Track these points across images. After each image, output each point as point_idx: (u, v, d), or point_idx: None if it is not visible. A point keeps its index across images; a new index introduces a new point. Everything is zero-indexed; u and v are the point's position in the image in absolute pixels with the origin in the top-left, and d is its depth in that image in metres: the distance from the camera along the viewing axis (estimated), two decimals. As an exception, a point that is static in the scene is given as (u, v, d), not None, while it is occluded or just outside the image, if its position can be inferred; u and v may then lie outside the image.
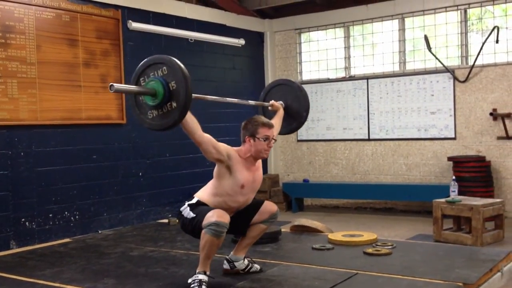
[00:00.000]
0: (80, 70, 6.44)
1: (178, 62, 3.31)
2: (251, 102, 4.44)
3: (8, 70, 5.75)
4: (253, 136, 3.65)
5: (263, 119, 3.77)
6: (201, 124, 3.52)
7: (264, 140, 3.65)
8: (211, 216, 3.37)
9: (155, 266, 4.25)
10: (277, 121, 4.20)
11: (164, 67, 3.30)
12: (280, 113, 4.31)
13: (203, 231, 3.40)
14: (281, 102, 4.37)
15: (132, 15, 7.04)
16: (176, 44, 7.70)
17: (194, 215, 3.53)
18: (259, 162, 3.82)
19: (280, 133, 4.39)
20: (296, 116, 4.42)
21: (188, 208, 3.61)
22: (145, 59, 3.44)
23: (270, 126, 3.71)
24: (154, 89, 3.26)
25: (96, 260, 4.57)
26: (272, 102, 4.33)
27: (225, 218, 3.39)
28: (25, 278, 4.05)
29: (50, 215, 6.08)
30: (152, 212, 7.26)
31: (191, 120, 3.40)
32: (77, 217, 6.35)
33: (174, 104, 3.24)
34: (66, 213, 6.23)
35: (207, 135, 3.49)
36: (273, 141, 3.72)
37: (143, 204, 7.16)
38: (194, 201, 3.65)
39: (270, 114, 4.37)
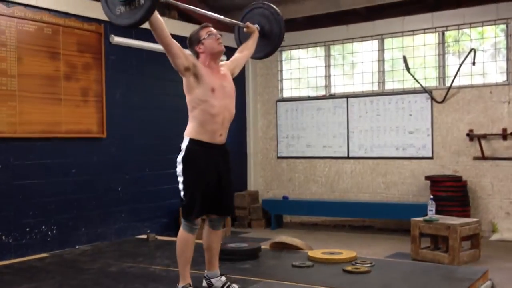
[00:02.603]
0: (61, 83, 6.41)
1: None
2: (227, 20, 4.40)
3: (-12, 82, 5.69)
4: (199, 42, 3.70)
5: (199, 24, 3.81)
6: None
7: (209, 36, 3.70)
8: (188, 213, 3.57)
9: (134, 282, 4.21)
10: (251, 43, 4.23)
11: None
12: (255, 35, 4.29)
13: (180, 229, 3.64)
14: (256, 25, 4.36)
15: (114, 29, 7.04)
16: (158, 59, 7.69)
17: (183, 197, 3.60)
18: (226, 72, 3.83)
19: (255, 57, 4.45)
20: (271, 40, 4.42)
21: (181, 167, 3.59)
22: None
23: (208, 25, 3.77)
24: None
25: (74, 275, 4.51)
26: (247, 23, 4.30)
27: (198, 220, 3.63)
28: (1, 294, 3.98)
29: (27, 229, 5.99)
30: (131, 227, 7.20)
31: (160, 20, 3.42)
32: (54, 231, 6.27)
33: (142, 1, 3.20)
34: (43, 227, 6.15)
35: (175, 41, 3.51)
36: (219, 35, 3.74)
37: (122, 219, 7.10)
38: (186, 143, 3.63)
39: (245, 36, 4.36)
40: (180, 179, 3.61)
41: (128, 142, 7.24)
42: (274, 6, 4.46)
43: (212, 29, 3.75)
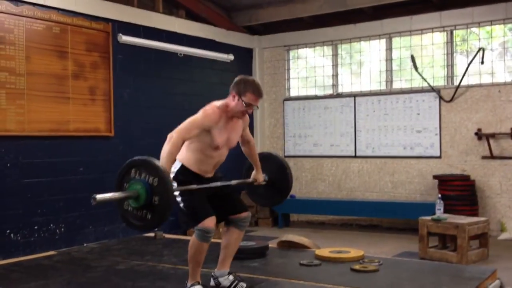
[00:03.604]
0: (69, 82, 6.43)
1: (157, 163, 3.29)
2: (233, 182, 4.11)
3: (-4, 80, 5.73)
4: (239, 95, 3.64)
5: (258, 86, 3.69)
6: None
7: (246, 106, 3.64)
8: (202, 222, 3.51)
9: (142, 280, 4.22)
10: (251, 158, 4.14)
11: (141, 168, 3.31)
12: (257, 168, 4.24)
13: (194, 235, 3.56)
14: (264, 176, 4.25)
15: (122, 28, 7.06)
16: (166, 58, 7.73)
17: (185, 208, 3.60)
18: (239, 121, 3.79)
19: (263, 204, 4.46)
20: (279, 191, 4.35)
21: (175, 182, 3.61)
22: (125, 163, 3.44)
23: (259, 96, 3.68)
24: (136, 191, 3.26)
25: (82, 273, 4.53)
26: (255, 179, 4.18)
27: (213, 223, 3.54)
28: (10, 291, 4.01)
29: (36, 227, 6.02)
30: (138, 225, 7.21)
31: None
32: (62, 229, 6.29)
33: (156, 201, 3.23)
34: (51, 225, 6.18)
35: (183, 137, 3.51)
36: (252, 110, 3.72)
37: (129, 218, 7.11)
38: (177, 167, 3.67)
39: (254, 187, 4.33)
40: (177, 193, 3.62)
41: (136, 140, 7.26)
42: (281, 159, 4.42)
43: (257, 102, 3.69)
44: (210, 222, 3.54)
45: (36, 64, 6.09)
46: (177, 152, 3.51)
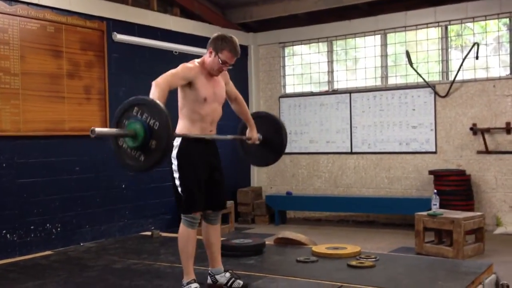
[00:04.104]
0: (64, 81, 6.42)
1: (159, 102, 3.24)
2: (229, 137, 4.29)
3: (-9, 80, 5.71)
4: (216, 52, 3.65)
5: (235, 44, 3.70)
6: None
7: (222, 62, 3.66)
8: (188, 207, 3.60)
9: (139, 279, 4.22)
10: (242, 115, 4.14)
11: (144, 108, 3.23)
12: (251, 126, 4.22)
13: (181, 224, 3.64)
14: (259, 135, 4.25)
15: (117, 27, 7.05)
16: (161, 56, 7.71)
17: (180, 187, 3.63)
18: (222, 80, 3.81)
19: (256, 164, 4.43)
20: (273, 150, 4.35)
21: (177, 163, 3.62)
22: (124, 101, 3.38)
23: (236, 55, 3.70)
24: (134, 130, 3.21)
25: (78, 272, 4.52)
26: (250, 136, 4.17)
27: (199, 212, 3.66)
28: (7, 291, 4.00)
29: (32, 227, 6.01)
30: (135, 224, 7.22)
31: (165, 95, 3.42)
32: (59, 229, 6.29)
33: (154, 145, 3.19)
34: (47, 225, 6.17)
35: (168, 81, 3.49)
36: (227, 67, 3.72)
37: (126, 216, 7.12)
38: (177, 140, 3.65)
39: (248, 145, 4.29)
40: (176, 175, 3.65)
41: (132, 139, 7.24)
42: (277, 119, 4.43)
43: (232, 60, 3.69)
44: (198, 213, 3.67)
45: (30, 63, 6.07)
46: (165, 97, 3.40)
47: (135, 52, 7.34)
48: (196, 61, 3.73)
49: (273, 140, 4.33)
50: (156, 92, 3.38)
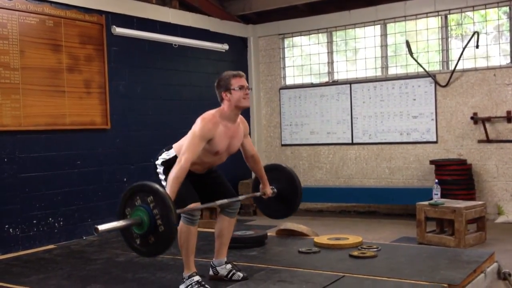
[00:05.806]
0: (64, 76, 6.41)
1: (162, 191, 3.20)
2: (241, 197, 4.12)
3: (-9, 75, 5.71)
4: (228, 90, 3.63)
5: (231, 71, 3.73)
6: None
7: (240, 89, 3.64)
8: (184, 202, 3.50)
9: (142, 271, 4.24)
10: (256, 171, 4.18)
11: (151, 196, 3.20)
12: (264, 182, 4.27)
13: (181, 221, 3.56)
14: (273, 188, 4.31)
15: (116, 20, 7.03)
16: (160, 49, 7.71)
17: (165, 183, 3.58)
18: (239, 129, 3.77)
19: (270, 217, 4.47)
20: (287, 205, 4.43)
21: (163, 168, 3.66)
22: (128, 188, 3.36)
23: (241, 76, 3.70)
24: (141, 218, 3.20)
25: (82, 266, 4.54)
26: (264, 192, 4.24)
27: (197, 205, 3.55)
28: (11, 285, 4.01)
29: (34, 221, 6.03)
30: (137, 217, 7.22)
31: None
32: (61, 223, 6.30)
33: (153, 239, 3.21)
34: (50, 219, 6.19)
35: (193, 158, 3.46)
36: (248, 90, 3.70)
37: (128, 210, 7.12)
38: (171, 155, 3.67)
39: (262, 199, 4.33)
40: (162, 177, 3.66)
41: (132, 132, 7.26)
42: (290, 170, 4.45)
43: (244, 81, 3.68)
44: (194, 206, 3.57)
45: (30, 58, 6.07)
46: (184, 175, 3.40)
47: (134, 45, 7.33)
48: (213, 112, 3.64)
49: (287, 192, 4.40)
50: (175, 172, 3.36)
